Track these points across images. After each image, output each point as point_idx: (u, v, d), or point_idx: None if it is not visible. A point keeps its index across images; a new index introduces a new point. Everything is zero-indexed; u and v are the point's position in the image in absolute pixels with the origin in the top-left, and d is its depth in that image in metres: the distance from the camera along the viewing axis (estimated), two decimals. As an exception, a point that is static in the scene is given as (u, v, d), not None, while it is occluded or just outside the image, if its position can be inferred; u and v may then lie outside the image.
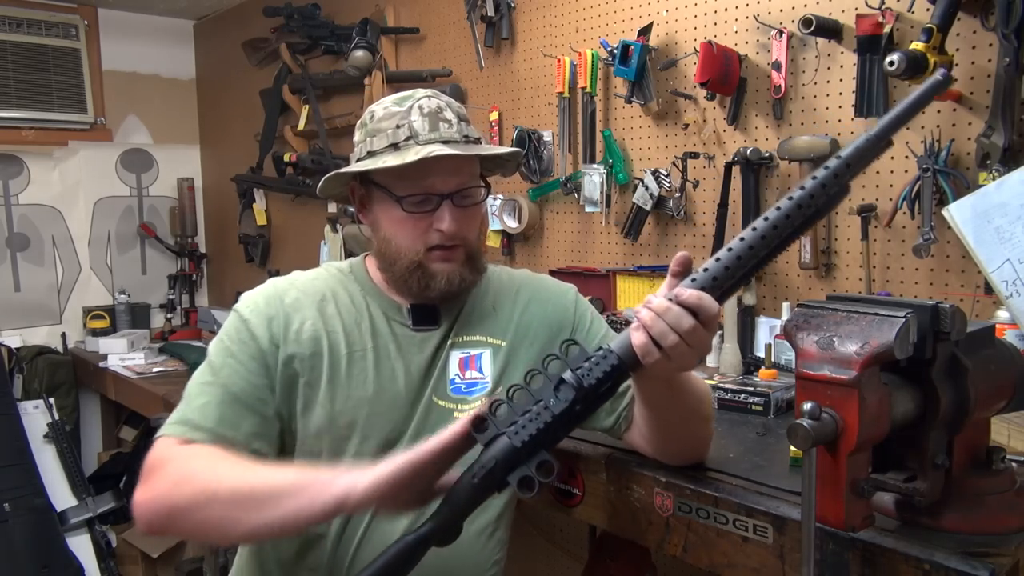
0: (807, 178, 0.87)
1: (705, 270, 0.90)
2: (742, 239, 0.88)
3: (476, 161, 1.21)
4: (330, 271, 1.28)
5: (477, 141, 1.20)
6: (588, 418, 0.95)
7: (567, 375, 0.90)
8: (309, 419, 1.16)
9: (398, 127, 1.15)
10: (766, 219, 0.87)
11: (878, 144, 0.87)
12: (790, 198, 0.87)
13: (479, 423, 0.89)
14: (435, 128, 1.15)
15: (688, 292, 0.89)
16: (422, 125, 1.15)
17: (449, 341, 1.22)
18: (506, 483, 0.89)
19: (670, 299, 0.90)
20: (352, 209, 1.30)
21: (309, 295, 1.22)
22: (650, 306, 0.91)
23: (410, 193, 1.15)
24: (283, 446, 1.19)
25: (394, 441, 1.17)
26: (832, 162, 0.87)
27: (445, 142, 1.14)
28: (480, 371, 1.22)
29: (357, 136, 1.22)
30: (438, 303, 1.23)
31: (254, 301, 1.20)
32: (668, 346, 0.90)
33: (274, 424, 1.14)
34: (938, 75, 0.87)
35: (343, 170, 1.19)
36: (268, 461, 1.08)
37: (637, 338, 0.91)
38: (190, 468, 1.01)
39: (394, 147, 1.14)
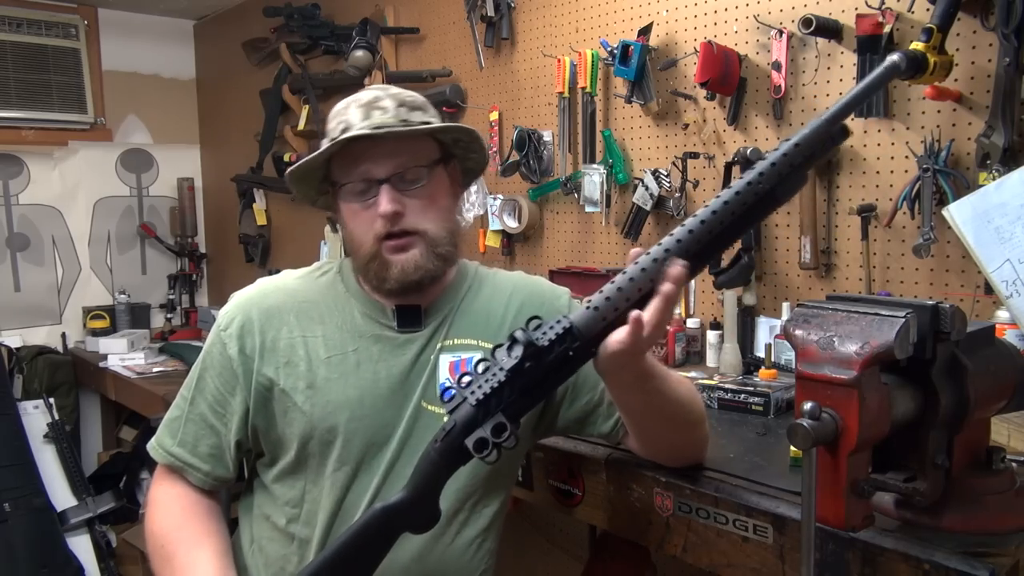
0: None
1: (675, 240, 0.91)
2: (704, 209, 0.90)
3: (425, 144, 1.18)
4: (320, 271, 1.28)
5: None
6: (552, 390, 0.96)
7: (518, 333, 0.92)
8: (290, 425, 1.16)
9: (338, 124, 1.16)
10: (718, 197, 0.89)
11: (828, 128, 0.87)
12: (745, 176, 0.89)
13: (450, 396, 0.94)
14: (367, 117, 1.14)
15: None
16: (356, 116, 1.14)
17: (439, 344, 1.20)
18: (466, 449, 0.92)
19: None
20: None
21: (292, 297, 1.22)
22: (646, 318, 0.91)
23: (347, 181, 1.15)
24: (273, 456, 1.20)
25: (380, 445, 1.15)
26: (783, 144, 0.88)
27: (377, 128, 1.13)
28: None
29: None
30: (419, 302, 1.21)
31: (231, 314, 1.22)
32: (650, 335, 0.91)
33: (231, 446, 1.20)
34: (894, 56, 0.88)
35: (289, 169, 1.18)
36: (222, 482, 1.22)
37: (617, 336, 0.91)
38: (153, 528, 1.18)
39: (332, 141, 1.14)
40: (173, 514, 1.18)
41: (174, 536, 1.15)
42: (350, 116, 1.15)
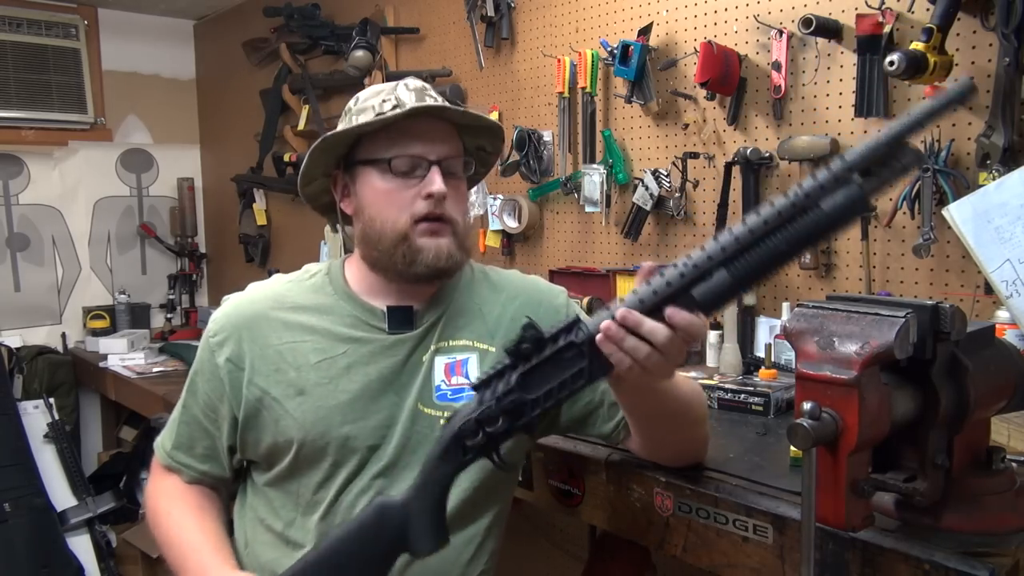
0: (809, 177, 0.82)
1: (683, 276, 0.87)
2: (743, 228, 0.85)
3: (459, 140, 1.20)
4: (308, 274, 1.27)
5: None
6: (562, 394, 0.95)
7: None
8: (284, 433, 1.15)
9: (384, 101, 1.14)
10: (757, 213, 0.86)
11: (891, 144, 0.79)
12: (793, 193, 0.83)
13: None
14: (421, 100, 1.14)
15: (681, 315, 0.88)
16: (408, 97, 1.14)
17: (433, 347, 1.18)
18: (464, 444, 0.97)
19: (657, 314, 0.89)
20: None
21: (280, 303, 1.21)
22: (625, 323, 0.89)
23: (396, 155, 1.13)
24: (269, 463, 1.19)
25: (375, 448, 1.14)
26: (835, 163, 0.80)
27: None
28: (467, 377, 1.17)
29: (341, 124, 1.18)
30: (415, 304, 1.20)
31: (219, 322, 1.22)
32: (642, 359, 0.90)
33: (224, 448, 1.22)
34: (965, 79, 0.81)
35: (327, 134, 1.14)
36: (219, 481, 1.26)
37: (607, 347, 0.91)
38: (157, 507, 1.24)
39: (380, 116, 1.12)
40: (173, 495, 1.24)
41: (175, 509, 1.21)
42: (401, 96, 1.14)
